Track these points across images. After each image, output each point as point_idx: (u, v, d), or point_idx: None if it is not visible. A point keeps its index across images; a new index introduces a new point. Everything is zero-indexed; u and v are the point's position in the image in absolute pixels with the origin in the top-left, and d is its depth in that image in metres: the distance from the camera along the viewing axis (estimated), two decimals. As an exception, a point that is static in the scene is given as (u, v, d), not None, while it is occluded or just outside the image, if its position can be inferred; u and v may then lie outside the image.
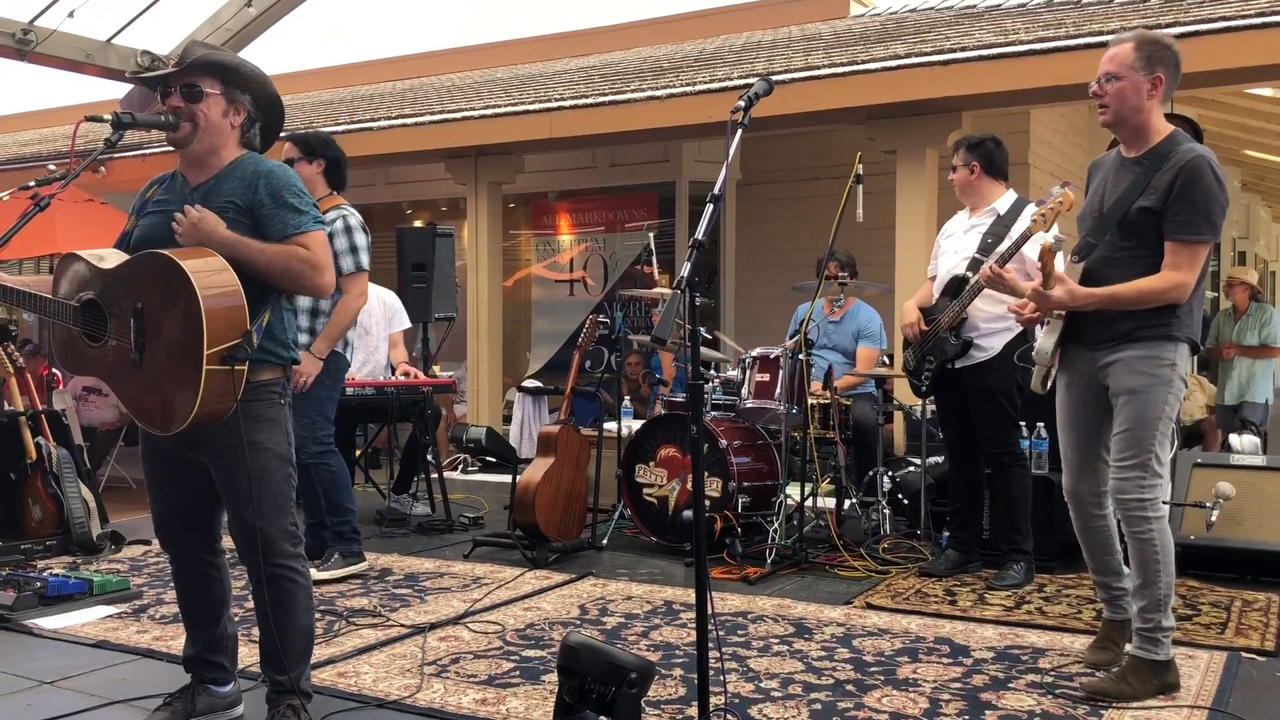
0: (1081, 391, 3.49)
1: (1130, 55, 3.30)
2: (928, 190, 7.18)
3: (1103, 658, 3.57)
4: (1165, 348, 3.28)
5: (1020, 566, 4.74)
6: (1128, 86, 3.30)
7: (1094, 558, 3.60)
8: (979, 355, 4.72)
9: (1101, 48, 6.21)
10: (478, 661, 3.70)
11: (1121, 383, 3.31)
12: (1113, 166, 3.46)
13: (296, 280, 2.96)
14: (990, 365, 4.72)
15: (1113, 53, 3.34)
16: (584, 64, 10.62)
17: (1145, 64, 3.29)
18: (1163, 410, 3.27)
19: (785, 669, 3.61)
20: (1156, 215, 3.25)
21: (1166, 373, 3.27)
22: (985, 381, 4.71)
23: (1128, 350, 3.30)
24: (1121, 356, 3.31)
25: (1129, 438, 3.28)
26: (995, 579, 4.72)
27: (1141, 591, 3.30)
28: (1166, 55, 3.31)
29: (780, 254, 9.61)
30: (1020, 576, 4.71)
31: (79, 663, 3.73)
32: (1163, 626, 3.28)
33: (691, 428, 2.85)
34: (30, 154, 11.49)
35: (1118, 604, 3.58)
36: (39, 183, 3.89)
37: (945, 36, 7.52)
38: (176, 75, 2.95)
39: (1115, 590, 3.58)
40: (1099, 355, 3.37)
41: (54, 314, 3.01)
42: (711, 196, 2.90)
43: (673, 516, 5.41)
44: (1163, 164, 3.26)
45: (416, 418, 6.23)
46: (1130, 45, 3.31)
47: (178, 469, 3.08)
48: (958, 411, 4.88)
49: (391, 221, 11.22)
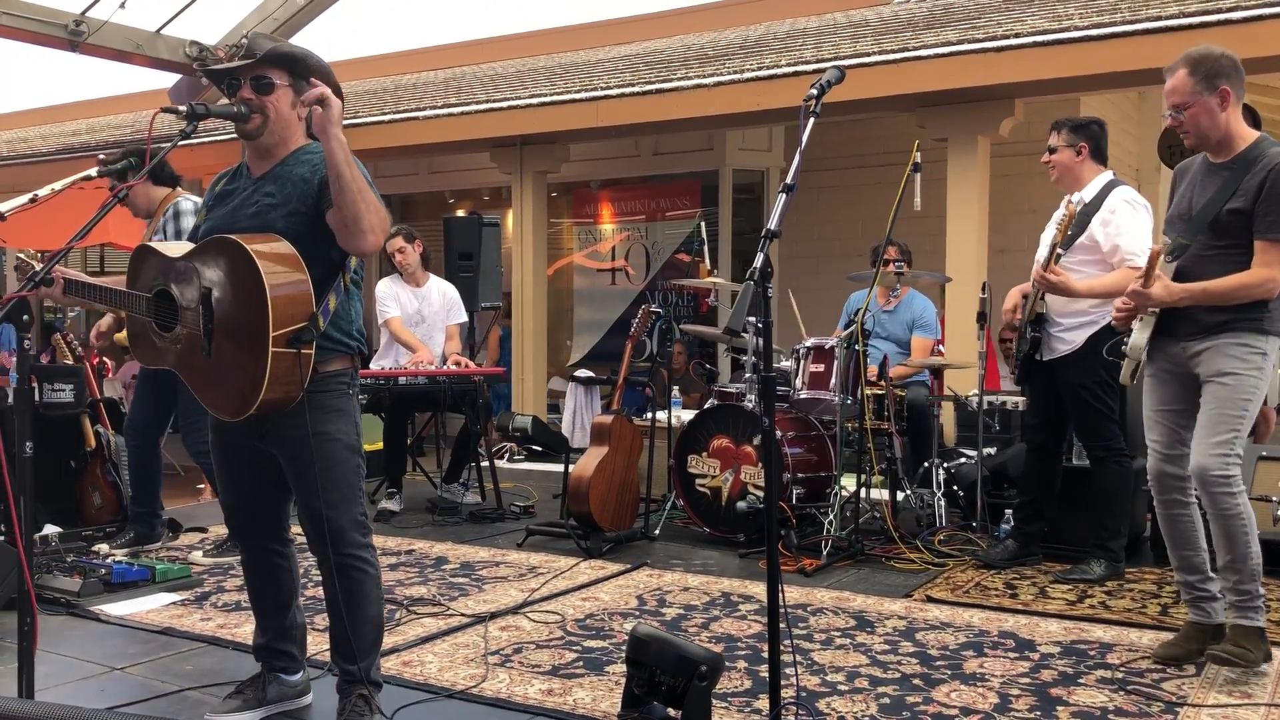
0: (1172, 381, 3.57)
1: (1188, 83, 3.42)
2: (979, 178, 7.11)
3: (1173, 653, 3.52)
4: (1257, 339, 3.38)
5: (1102, 564, 4.60)
6: (1199, 112, 3.42)
7: (1177, 553, 3.58)
8: (1062, 349, 4.61)
9: (1160, 33, 6.22)
10: (540, 651, 3.71)
11: (1213, 366, 3.39)
12: (1199, 172, 3.56)
13: (363, 208, 2.79)
14: (1073, 359, 4.59)
15: (1171, 85, 3.46)
16: (626, 52, 10.58)
17: (1206, 84, 3.40)
18: (1251, 394, 3.37)
19: (850, 662, 3.58)
20: (1247, 216, 3.36)
21: (1258, 360, 3.38)
22: (1069, 376, 4.60)
23: (1220, 339, 3.39)
24: (1214, 344, 3.40)
25: (1216, 415, 3.37)
26: (1072, 570, 4.62)
27: (1234, 566, 3.37)
28: (1222, 65, 3.41)
29: (826, 242, 9.56)
30: (1101, 572, 4.57)
31: (146, 649, 3.77)
32: (1258, 594, 3.38)
33: (764, 420, 2.82)
34: (79, 144, 11.62)
35: (1201, 606, 3.55)
36: (101, 173, 3.92)
37: (997, 23, 7.43)
38: (247, 68, 2.95)
39: (1200, 591, 3.55)
40: (1190, 345, 3.46)
41: (127, 306, 3.03)
42: (785, 186, 2.87)
43: (726, 507, 5.39)
44: (1251, 167, 3.38)
45: (468, 407, 6.24)
46: (1184, 72, 3.43)
47: (247, 459, 3.10)
48: (1046, 403, 4.77)
49: (434, 210, 11.27)
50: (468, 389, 6.22)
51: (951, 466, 5.87)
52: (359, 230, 2.81)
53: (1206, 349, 3.41)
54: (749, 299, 2.76)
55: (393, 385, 6.12)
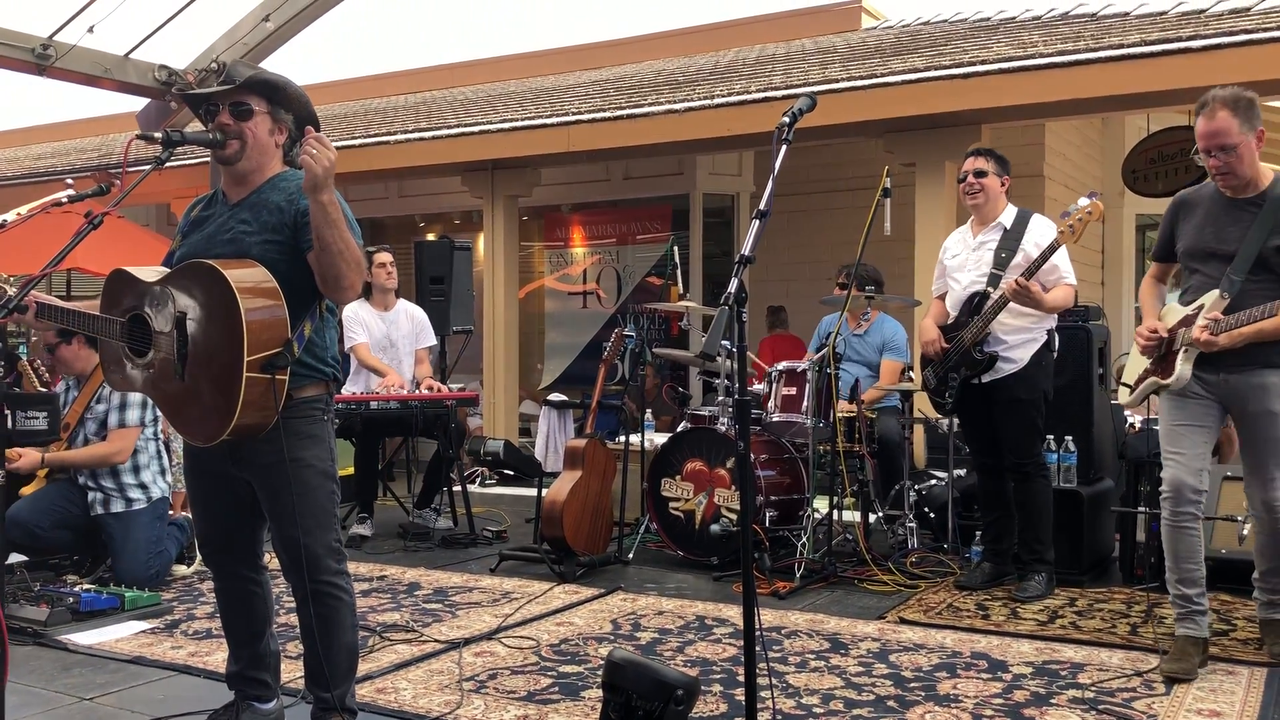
0: (1201, 404, 3.70)
1: (1234, 124, 3.52)
2: (946, 203, 7.20)
3: (1180, 668, 3.58)
4: None
5: (1042, 577, 4.76)
6: (1244, 151, 3.55)
7: (1178, 564, 3.66)
8: (1007, 367, 4.73)
9: (1122, 60, 6.33)
10: (515, 677, 3.69)
11: (1262, 403, 3.59)
12: (1216, 207, 3.68)
13: (344, 268, 2.81)
14: (1019, 376, 4.73)
15: (1216, 127, 3.54)
16: (597, 77, 10.65)
17: (1248, 124, 3.53)
18: None
19: (824, 685, 3.60)
20: None
21: None
22: (1015, 393, 4.72)
23: (1265, 374, 3.59)
24: (1260, 380, 3.59)
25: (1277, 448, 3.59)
26: (1018, 591, 4.72)
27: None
28: (1256, 106, 3.57)
29: (795, 267, 9.63)
30: (1042, 588, 4.73)
31: (116, 678, 3.73)
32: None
33: (739, 444, 2.84)
34: (45, 168, 11.52)
35: (1194, 620, 3.63)
36: (71, 199, 3.90)
37: (963, 49, 7.54)
38: (226, 93, 2.95)
39: (1195, 605, 3.63)
40: (1231, 377, 3.63)
41: (101, 330, 3.01)
42: (758, 212, 2.89)
43: (699, 530, 5.40)
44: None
45: (440, 431, 6.23)
46: (1228, 113, 3.52)
47: (221, 486, 3.08)
48: (985, 425, 4.88)
49: (404, 234, 11.25)
50: (440, 413, 6.20)
51: (922, 488, 5.91)
52: (338, 288, 2.87)
53: (1250, 384, 3.59)
54: (724, 323, 2.78)
55: (365, 410, 6.10)
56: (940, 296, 5.09)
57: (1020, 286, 4.52)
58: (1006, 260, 4.72)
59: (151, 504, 5.01)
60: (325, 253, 2.80)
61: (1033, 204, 5.12)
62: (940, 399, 4.95)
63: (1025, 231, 4.75)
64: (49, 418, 4.58)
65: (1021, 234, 4.75)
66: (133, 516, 4.93)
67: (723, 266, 10.03)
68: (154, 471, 5.07)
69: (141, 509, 4.96)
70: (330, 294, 2.90)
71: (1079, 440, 5.17)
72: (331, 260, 2.80)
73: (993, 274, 4.75)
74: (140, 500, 4.97)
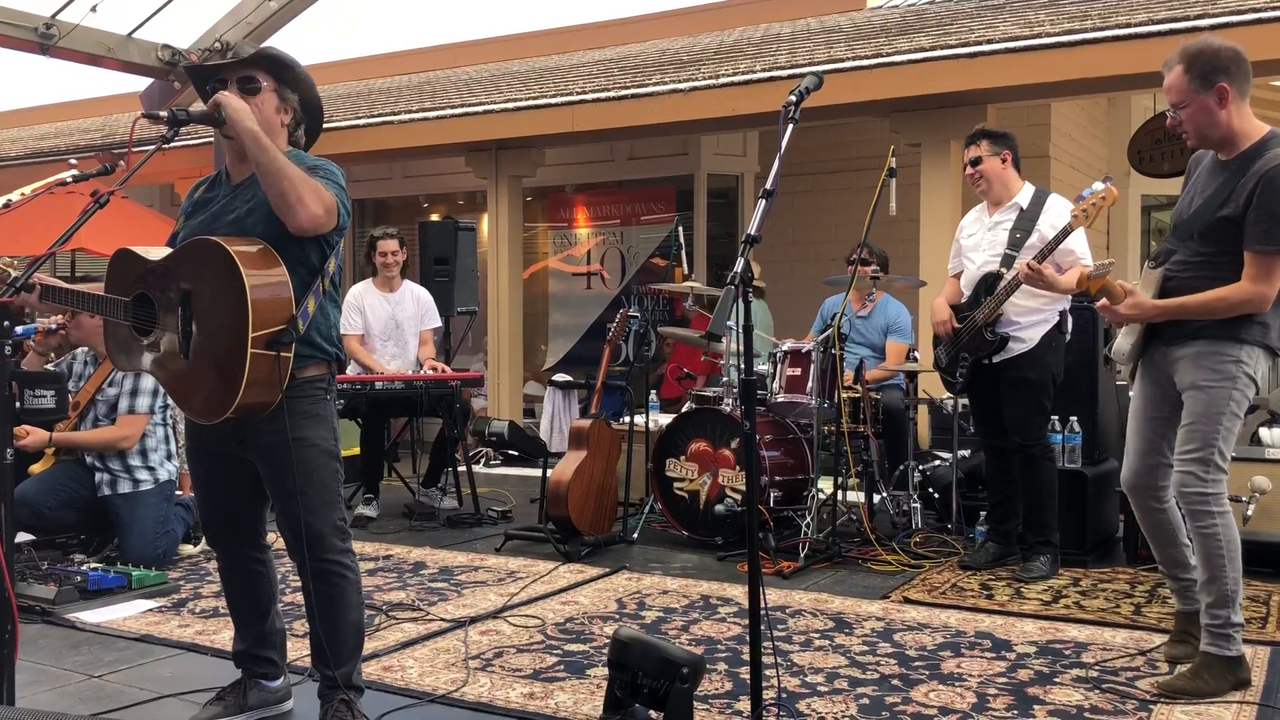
0: (1153, 386, 3.48)
1: (1183, 80, 3.22)
2: (952, 183, 7.17)
3: (1182, 651, 3.54)
4: (1231, 347, 3.24)
5: (1046, 558, 4.75)
6: (1196, 111, 3.23)
7: (1160, 549, 3.62)
8: (1017, 348, 4.71)
9: (1129, 40, 6.30)
10: (521, 655, 3.71)
11: (1186, 378, 3.31)
12: (1206, 169, 3.41)
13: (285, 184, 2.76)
14: (1028, 357, 4.72)
15: (1168, 83, 3.26)
16: (601, 57, 10.60)
17: (1202, 81, 3.19)
18: (1226, 406, 3.23)
19: (829, 663, 3.61)
20: (1237, 224, 3.19)
21: (1231, 369, 3.23)
22: (1024, 373, 4.71)
23: (1195, 346, 3.29)
24: (1189, 352, 3.30)
25: (1191, 431, 3.28)
26: (1022, 570, 4.73)
27: (1208, 587, 3.27)
28: (1220, 60, 3.19)
29: (800, 247, 9.60)
30: (1046, 568, 4.72)
31: (124, 656, 3.75)
32: (1232, 622, 3.25)
33: (745, 424, 2.84)
34: (48, 148, 11.51)
35: (1188, 595, 3.58)
36: (75, 179, 3.90)
37: (969, 29, 7.50)
38: (234, 67, 2.95)
39: (1184, 580, 3.57)
40: (1171, 350, 3.36)
41: (106, 310, 3.02)
42: (765, 191, 2.89)
43: (704, 511, 5.41)
44: (1247, 169, 3.19)
45: (445, 411, 6.24)
46: (1179, 69, 3.23)
47: (225, 466, 3.09)
48: (993, 406, 4.87)
49: (409, 215, 11.24)
50: (444, 394, 6.21)
51: (927, 469, 5.92)
52: (287, 205, 2.79)
53: (1183, 358, 3.31)
54: (730, 303, 2.78)
55: (369, 390, 6.11)
56: (955, 275, 5.07)
57: (1033, 270, 4.48)
58: (1021, 241, 4.68)
59: (159, 485, 5.02)
60: (263, 175, 2.79)
61: (1038, 184, 5.08)
62: (951, 378, 4.94)
63: (1041, 212, 4.70)
64: (57, 396, 4.59)
65: (1037, 215, 4.70)
66: (140, 497, 4.95)
67: (727, 247, 10.01)
68: (161, 455, 5.08)
69: (149, 489, 4.97)
70: (289, 219, 2.81)
71: (1084, 421, 5.16)
72: (269, 181, 2.78)
73: (1006, 254, 4.70)
74: (148, 481, 4.98)
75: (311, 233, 2.86)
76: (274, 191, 2.79)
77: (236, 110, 2.80)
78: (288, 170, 2.78)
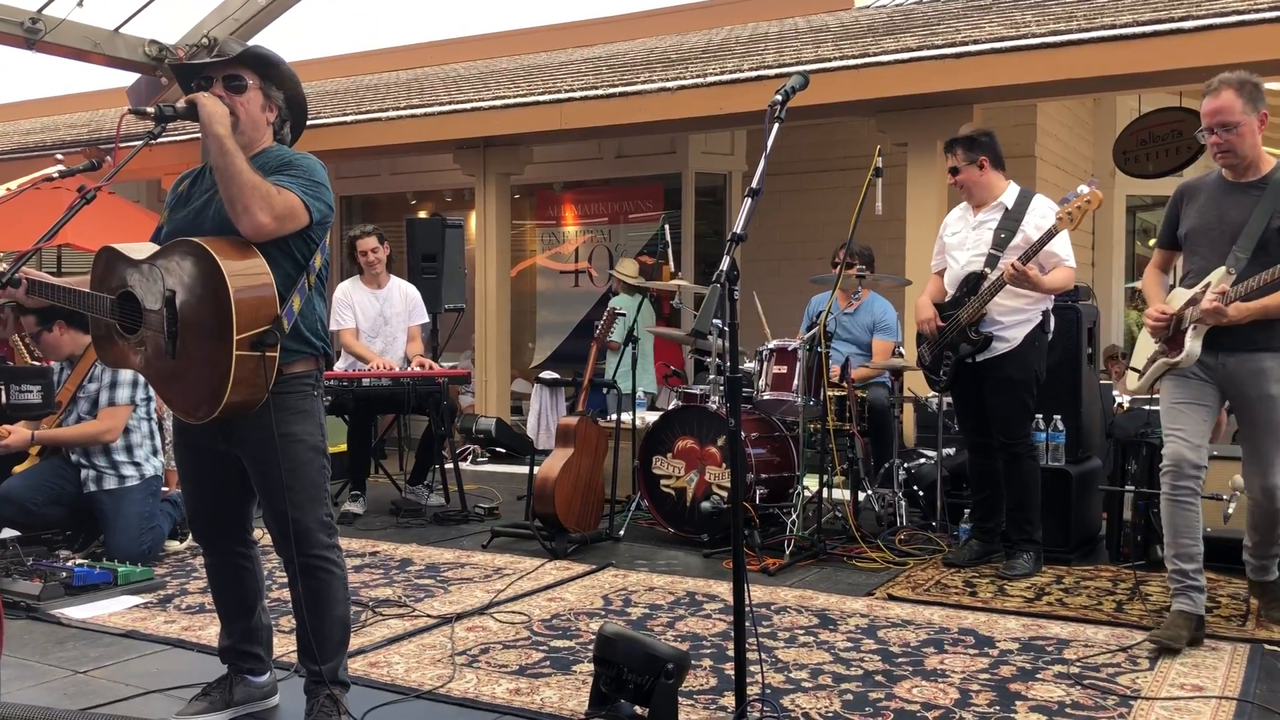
0: (1200, 383, 3.77)
1: (1238, 103, 3.62)
2: (938, 183, 7.20)
3: (1168, 635, 3.63)
4: None
5: (1029, 556, 4.78)
6: (1245, 131, 3.64)
7: (1176, 539, 3.71)
8: (1001, 347, 4.74)
9: (1115, 41, 6.34)
10: (507, 652, 3.72)
11: (1261, 388, 3.67)
12: (1219, 190, 3.77)
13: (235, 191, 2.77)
14: (1012, 356, 4.74)
15: (1219, 105, 3.64)
16: (590, 54, 10.61)
17: (1251, 106, 3.63)
18: None
19: (813, 660, 3.63)
20: None
21: None
22: (1008, 372, 4.74)
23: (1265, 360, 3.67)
24: (1255, 364, 3.68)
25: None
26: (1005, 568, 4.76)
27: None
28: (1260, 90, 3.66)
29: (787, 246, 9.63)
30: (1030, 566, 4.76)
31: (110, 652, 3.75)
32: None
33: (731, 421, 2.86)
34: (34, 143, 11.46)
35: (1190, 596, 3.67)
36: (62, 174, 3.89)
37: (956, 29, 7.53)
38: (220, 65, 2.95)
39: (1191, 581, 3.68)
40: (1228, 359, 3.71)
41: (91, 307, 3.02)
42: (750, 190, 2.91)
43: (690, 508, 5.44)
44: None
45: (432, 408, 6.24)
46: (1233, 92, 3.62)
47: (212, 462, 3.09)
48: (976, 404, 4.90)
49: (397, 212, 11.24)
50: (432, 391, 6.22)
51: (912, 467, 5.95)
52: (234, 212, 2.80)
53: (1247, 368, 3.67)
54: (716, 301, 2.80)
55: (356, 387, 6.11)
56: (939, 272, 5.10)
57: (1017, 271, 4.52)
58: (1005, 241, 4.70)
59: (144, 481, 5.02)
60: (218, 179, 2.81)
61: (1024, 184, 5.11)
62: (935, 376, 4.97)
63: (1026, 213, 4.73)
64: (43, 391, 4.58)
65: (1022, 215, 4.73)
66: (125, 493, 4.94)
67: (714, 245, 10.03)
68: (146, 451, 5.08)
69: (134, 485, 4.97)
70: (235, 224, 2.82)
71: (1067, 420, 5.20)
72: (223, 186, 2.80)
73: (991, 254, 4.73)
74: (133, 477, 4.98)
75: (259, 240, 2.87)
76: (225, 196, 2.82)
77: (210, 115, 2.83)
78: (241, 177, 2.79)
